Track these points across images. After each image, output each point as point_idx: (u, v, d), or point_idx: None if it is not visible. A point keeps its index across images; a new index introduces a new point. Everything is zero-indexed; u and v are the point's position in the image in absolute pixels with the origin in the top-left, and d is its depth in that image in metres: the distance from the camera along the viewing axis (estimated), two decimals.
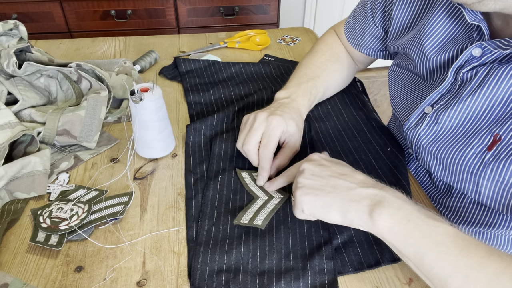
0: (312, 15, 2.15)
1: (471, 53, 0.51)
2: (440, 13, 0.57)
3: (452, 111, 0.53)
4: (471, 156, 0.51)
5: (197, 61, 0.88)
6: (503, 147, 0.48)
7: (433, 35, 0.58)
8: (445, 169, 0.55)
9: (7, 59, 0.68)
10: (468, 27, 0.55)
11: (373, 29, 0.72)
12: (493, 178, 0.49)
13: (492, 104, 0.50)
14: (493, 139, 0.49)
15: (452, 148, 0.53)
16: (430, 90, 0.59)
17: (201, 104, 0.76)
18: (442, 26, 0.57)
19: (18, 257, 0.50)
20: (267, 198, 0.56)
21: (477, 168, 0.50)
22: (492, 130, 0.49)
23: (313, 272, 0.47)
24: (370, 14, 0.72)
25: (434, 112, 0.56)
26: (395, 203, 0.43)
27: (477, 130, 0.51)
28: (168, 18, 1.69)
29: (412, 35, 0.62)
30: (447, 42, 0.57)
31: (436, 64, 0.58)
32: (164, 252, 0.50)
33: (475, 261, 0.39)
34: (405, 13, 0.64)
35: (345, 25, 0.78)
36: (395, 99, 0.68)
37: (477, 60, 0.51)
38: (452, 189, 0.59)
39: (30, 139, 0.62)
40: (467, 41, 0.54)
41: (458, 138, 0.53)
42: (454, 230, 0.42)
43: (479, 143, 0.50)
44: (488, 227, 0.56)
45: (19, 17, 1.61)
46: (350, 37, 0.77)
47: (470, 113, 0.52)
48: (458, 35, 0.56)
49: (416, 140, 0.58)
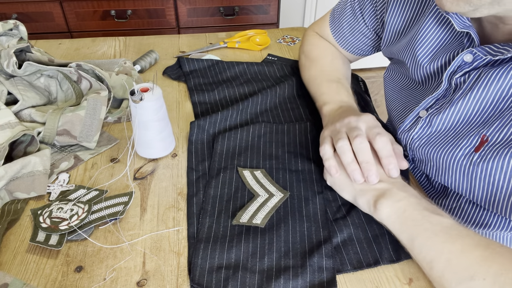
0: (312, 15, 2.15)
1: (463, 59, 0.53)
2: (431, 21, 0.58)
3: (445, 115, 0.54)
4: (460, 157, 0.52)
5: (200, 60, 0.88)
6: (489, 147, 0.49)
7: (425, 43, 0.59)
8: (439, 170, 0.56)
9: (7, 59, 0.68)
10: (458, 34, 0.56)
11: (363, 29, 0.73)
12: (483, 178, 0.50)
13: (481, 107, 0.51)
14: (480, 140, 0.50)
15: (443, 150, 0.54)
16: (425, 94, 0.60)
17: (206, 103, 0.76)
18: (434, 34, 0.58)
19: (18, 257, 0.50)
20: (268, 196, 0.56)
21: (467, 169, 0.51)
22: (480, 131, 0.50)
23: (312, 270, 0.47)
24: (359, 13, 0.72)
25: (428, 116, 0.57)
26: (397, 195, 0.49)
27: (466, 131, 0.52)
28: (168, 18, 1.69)
29: (405, 42, 0.63)
30: (439, 50, 0.58)
31: (429, 71, 0.59)
32: (164, 252, 0.50)
33: (459, 247, 0.43)
34: (398, 18, 0.65)
35: (331, 25, 0.78)
36: (390, 102, 0.69)
37: (468, 65, 0.53)
38: (448, 189, 0.60)
39: (30, 139, 0.62)
40: (458, 48, 0.55)
41: (448, 139, 0.54)
42: (450, 222, 0.46)
43: (467, 144, 0.51)
44: (484, 227, 0.56)
45: (19, 17, 1.61)
46: (338, 37, 0.77)
47: (461, 115, 0.53)
48: (450, 42, 0.57)
49: (410, 143, 0.60)
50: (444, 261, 0.43)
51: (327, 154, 0.55)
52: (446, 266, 0.43)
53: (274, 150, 0.64)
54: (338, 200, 0.57)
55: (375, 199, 0.50)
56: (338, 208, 0.56)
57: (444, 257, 0.43)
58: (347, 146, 0.53)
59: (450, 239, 0.44)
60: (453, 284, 0.42)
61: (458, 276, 0.42)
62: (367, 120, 0.56)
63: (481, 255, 0.42)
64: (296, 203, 0.56)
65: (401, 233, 0.48)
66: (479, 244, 0.43)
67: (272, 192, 0.57)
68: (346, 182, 0.54)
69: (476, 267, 0.41)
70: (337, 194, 0.57)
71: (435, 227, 0.45)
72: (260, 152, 0.64)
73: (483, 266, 0.41)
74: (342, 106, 0.65)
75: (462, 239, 0.44)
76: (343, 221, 0.53)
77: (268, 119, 0.72)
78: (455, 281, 0.42)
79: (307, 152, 0.64)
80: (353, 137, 0.53)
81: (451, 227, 0.45)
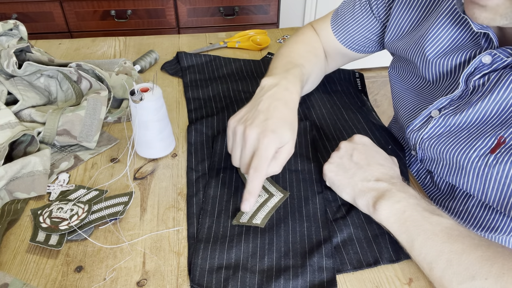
0: (312, 15, 2.15)
1: (481, 60, 0.51)
2: (444, 20, 0.56)
3: (461, 116, 0.53)
4: (475, 158, 0.51)
5: (199, 55, 0.88)
6: (507, 149, 0.48)
7: (435, 41, 0.58)
8: (451, 170, 0.55)
9: (7, 59, 0.68)
10: (475, 34, 0.54)
11: (371, 21, 0.70)
12: (499, 180, 0.49)
13: (501, 108, 0.50)
14: (497, 142, 0.49)
15: (457, 149, 0.53)
16: (437, 94, 0.59)
17: (200, 99, 0.77)
18: (447, 33, 0.57)
19: (18, 257, 0.50)
20: (268, 196, 0.56)
21: (482, 170, 0.50)
22: (497, 132, 0.49)
23: (312, 270, 0.47)
24: (367, 5, 0.69)
25: (441, 116, 0.56)
26: (397, 196, 0.49)
27: (482, 132, 0.51)
28: (168, 18, 1.69)
29: (414, 41, 0.62)
30: (451, 48, 0.56)
31: (442, 69, 0.58)
32: (164, 252, 0.50)
33: (459, 248, 0.43)
34: (405, 15, 0.63)
35: (333, 23, 0.74)
36: (398, 101, 0.67)
37: (487, 67, 0.51)
38: (456, 191, 0.59)
39: (30, 139, 0.62)
40: (475, 48, 0.54)
41: (462, 139, 0.53)
42: (450, 223, 0.45)
43: (482, 145, 0.50)
44: (491, 231, 0.56)
45: (19, 17, 1.61)
46: (341, 34, 0.73)
47: (478, 116, 0.52)
48: (464, 42, 0.55)
49: (419, 142, 0.59)
50: (445, 262, 0.43)
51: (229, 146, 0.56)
52: (447, 267, 0.43)
53: None
54: (338, 200, 0.57)
55: (374, 200, 0.50)
56: (338, 208, 0.56)
57: (445, 258, 0.43)
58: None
59: (451, 240, 0.44)
60: (454, 284, 0.42)
61: (459, 276, 0.41)
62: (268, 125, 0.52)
63: (483, 255, 0.41)
64: (296, 203, 0.56)
65: (400, 234, 0.47)
66: (480, 244, 0.43)
67: (272, 192, 0.57)
68: (345, 183, 0.54)
69: (477, 267, 0.41)
70: (337, 194, 0.57)
71: (435, 227, 0.45)
72: None
73: (484, 266, 0.41)
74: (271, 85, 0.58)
75: (462, 239, 0.43)
76: (343, 221, 0.53)
77: None
78: (456, 282, 0.41)
79: (307, 152, 0.64)
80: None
81: (451, 227, 0.45)
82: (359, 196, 0.52)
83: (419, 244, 0.45)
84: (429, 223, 0.46)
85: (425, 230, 0.45)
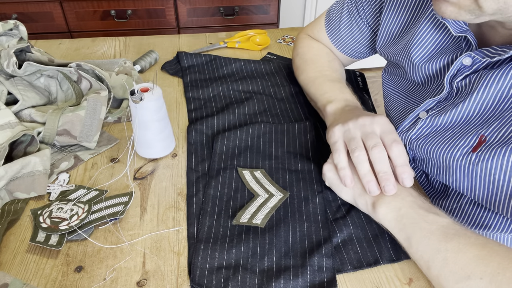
0: (312, 15, 2.15)
1: (462, 62, 0.53)
2: (427, 25, 0.58)
3: (446, 116, 0.55)
4: (459, 157, 0.52)
5: (199, 55, 0.88)
6: (487, 147, 0.49)
7: (420, 46, 0.59)
8: (440, 169, 0.56)
9: (7, 59, 0.68)
10: (456, 38, 0.56)
11: (362, 27, 0.72)
12: (483, 177, 0.50)
13: (482, 108, 0.51)
14: (478, 140, 0.50)
15: (442, 148, 0.54)
16: (424, 96, 0.61)
17: (200, 99, 0.77)
18: (429, 37, 0.58)
19: (18, 257, 0.50)
20: (268, 196, 0.56)
21: (467, 168, 0.51)
22: (479, 131, 0.50)
23: (312, 270, 0.47)
24: (356, 12, 0.72)
25: (428, 117, 0.57)
26: (394, 194, 0.49)
27: (464, 131, 0.52)
28: (168, 18, 1.69)
29: (401, 46, 0.64)
30: (435, 52, 0.58)
31: (428, 72, 0.60)
32: (164, 252, 0.50)
33: (455, 246, 0.43)
34: (394, 20, 0.65)
35: (326, 27, 0.77)
36: (389, 103, 0.69)
37: (468, 69, 0.53)
38: (449, 189, 0.60)
39: (30, 139, 0.62)
40: (457, 51, 0.56)
41: (446, 138, 0.54)
42: (447, 221, 0.45)
43: (464, 144, 0.51)
44: (484, 228, 0.56)
45: (19, 17, 1.61)
46: (335, 39, 0.76)
47: (461, 116, 0.53)
48: (447, 46, 0.57)
49: (409, 142, 0.60)
50: (441, 260, 0.43)
51: (342, 163, 0.52)
52: (443, 265, 0.43)
53: (273, 150, 0.64)
54: (338, 200, 0.57)
55: (373, 200, 0.50)
56: (338, 208, 0.56)
57: (441, 256, 0.43)
58: (364, 157, 0.50)
59: (447, 238, 0.44)
60: (451, 284, 0.42)
61: (455, 276, 0.42)
62: (381, 122, 0.53)
63: (478, 254, 0.42)
64: (296, 203, 0.56)
65: (397, 232, 0.48)
66: (475, 243, 0.43)
67: (272, 192, 0.57)
68: None
69: (473, 266, 0.41)
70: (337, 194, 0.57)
71: (431, 225, 0.45)
72: (260, 152, 0.64)
73: (480, 265, 0.41)
74: (349, 105, 0.62)
75: (458, 238, 0.43)
76: (343, 220, 0.54)
77: (268, 119, 0.72)
78: (453, 281, 0.42)
79: (306, 152, 0.64)
80: (371, 146, 0.51)
81: (447, 225, 0.45)
82: (359, 197, 0.52)
83: (415, 242, 0.46)
84: (425, 221, 0.46)
85: (421, 229, 0.46)
